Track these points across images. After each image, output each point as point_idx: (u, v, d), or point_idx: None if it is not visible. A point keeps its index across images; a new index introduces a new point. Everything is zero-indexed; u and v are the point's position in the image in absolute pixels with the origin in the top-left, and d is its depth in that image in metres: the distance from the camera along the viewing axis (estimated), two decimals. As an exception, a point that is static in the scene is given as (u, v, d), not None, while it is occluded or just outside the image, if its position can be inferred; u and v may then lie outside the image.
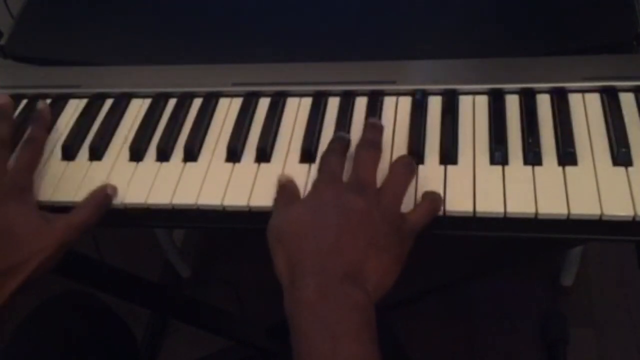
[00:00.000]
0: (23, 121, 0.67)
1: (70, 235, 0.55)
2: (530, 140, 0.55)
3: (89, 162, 0.62)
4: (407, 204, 0.52)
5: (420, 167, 0.55)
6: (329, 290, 0.45)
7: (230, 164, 0.59)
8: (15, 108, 0.69)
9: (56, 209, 0.58)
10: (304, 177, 0.57)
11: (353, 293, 0.45)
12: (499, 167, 0.54)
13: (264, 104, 0.64)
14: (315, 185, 0.53)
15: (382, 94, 0.62)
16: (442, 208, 0.52)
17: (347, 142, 0.57)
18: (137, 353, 0.91)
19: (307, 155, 0.58)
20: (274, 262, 0.49)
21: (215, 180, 0.58)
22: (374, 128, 0.57)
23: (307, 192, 0.54)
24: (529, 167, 0.54)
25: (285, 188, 0.55)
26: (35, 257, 0.54)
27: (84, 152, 0.63)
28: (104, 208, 0.57)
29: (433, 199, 0.52)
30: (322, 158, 0.55)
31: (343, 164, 0.54)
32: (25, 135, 0.62)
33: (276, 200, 0.54)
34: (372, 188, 0.51)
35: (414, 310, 1.24)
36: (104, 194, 0.58)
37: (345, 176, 0.53)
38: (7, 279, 0.53)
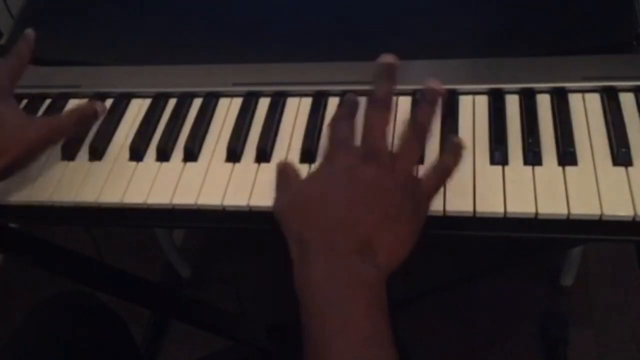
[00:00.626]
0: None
1: (49, 134, 0.58)
2: (530, 140, 0.55)
3: (89, 162, 0.62)
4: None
5: (421, 167, 0.55)
6: (338, 267, 0.44)
7: (230, 164, 0.59)
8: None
9: (56, 210, 0.58)
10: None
11: (362, 269, 0.44)
12: (499, 167, 0.54)
13: (264, 104, 0.64)
14: (325, 153, 0.51)
15: (382, 94, 0.62)
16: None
17: (356, 105, 0.54)
18: (136, 353, 0.90)
19: (307, 155, 0.58)
20: (286, 237, 0.48)
21: (215, 180, 0.58)
22: (384, 82, 0.52)
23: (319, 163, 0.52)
24: (529, 167, 0.54)
25: (286, 168, 0.54)
26: (15, 147, 0.55)
27: (84, 152, 0.63)
28: (87, 121, 0.61)
29: (447, 163, 0.51)
30: (330, 125, 0.52)
31: (353, 128, 0.51)
32: (12, 50, 0.63)
33: (276, 180, 0.53)
34: (384, 153, 0.49)
35: (414, 310, 1.24)
36: (91, 108, 0.61)
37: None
38: None
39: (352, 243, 0.45)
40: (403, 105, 0.61)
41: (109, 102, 0.67)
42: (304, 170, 0.57)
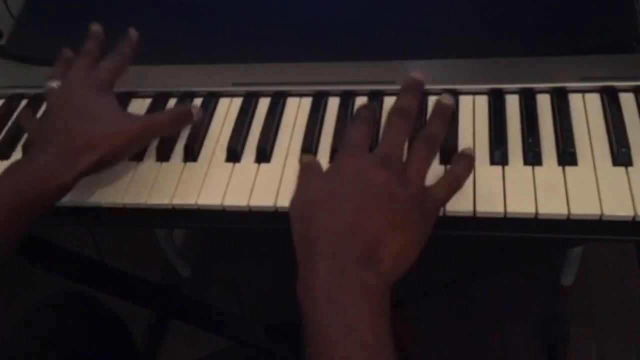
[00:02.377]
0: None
1: (144, 131, 0.58)
2: (530, 140, 0.55)
3: (89, 162, 0.62)
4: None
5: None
6: (341, 274, 0.44)
7: (230, 164, 0.59)
8: (15, 108, 0.69)
9: (56, 210, 0.58)
10: (304, 177, 0.57)
11: (366, 277, 0.44)
12: (499, 167, 0.54)
13: (264, 104, 0.64)
14: (338, 156, 0.51)
15: (382, 94, 0.62)
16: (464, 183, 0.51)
17: (375, 113, 0.54)
18: (136, 353, 0.90)
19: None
20: (293, 238, 0.48)
21: (215, 180, 0.58)
22: (411, 93, 0.52)
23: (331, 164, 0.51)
24: (529, 167, 0.54)
25: (310, 164, 0.52)
26: (110, 140, 0.55)
27: (84, 152, 0.63)
28: (183, 123, 0.60)
29: (458, 173, 0.51)
30: (347, 127, 0.52)
31: (369, 134, 0.51)
32: (115, 49, 0.63)
33: (300, 176, 0.52)
34: (397, 160, 0.49)
35: (414, 310, 1.24)
36: (187, 110, 0.60)
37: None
38: (81, 156, 0.54)
39: (357, 249, 0.45)
40: (403, 105, 0.61)
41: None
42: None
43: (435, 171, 0.55)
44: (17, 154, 0.64)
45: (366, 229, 0.45)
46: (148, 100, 0.67)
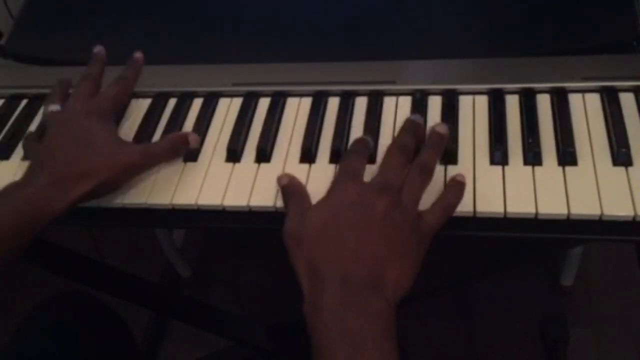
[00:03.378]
0: (25, 117, 0.67)
1: (141, 160, 0.58)
2: (530, 140, 0.55)
3: (89, 162, 0.62)
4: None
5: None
6: (350, 298, 0.45)
7: (230, 164, 0.59)
8: (15, 108, 0.69)
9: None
10: (304, 177, 0.57)
11: (374, 301, 0.45)
12: (499, 167, 0.54)
13: (264, 104, 0.64)
14: (335, 183, 0.52)
15: (382, 94, 0.62)
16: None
17: (371, 145, 0.56)
18: (136, 353, 0.90)
19: (307, 155, 0.58)
20: (294, 267, 0.49)
21: (215, 180, 0.58)
22: (412, 131, 0.56)
23: (328, 190, 0.52)
24: (529, 167, 0.54)
25: (294, 189, 0.54)
26: (106, 169, 0.55)
27: (84, 152, 0.63)
28: (179, 150, 0.60)
29: (450, 200, 0.52)
30: (343, 157, 0.55)
31: (364, 164, 0.53)
32: (119, 74, 0.64)
33: (288, 202, 0.53)
34: (394, 189, 0.50)
35: (414, 310, 1.24)
36: (184, 137, 0.60)
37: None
38: (77, 183, 0.54)
39: (364, 276, 0.46)
40: (403, 105, 0.61)
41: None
42: (304, 170, 0.57)
43: (436, 171, 0.55)
44: (17, 154, 0.64)
45: (372, 256, 0.47)
46: (148, 100, 0.67)
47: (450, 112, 0.59)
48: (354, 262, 0.46)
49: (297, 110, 0.63)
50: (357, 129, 0.59)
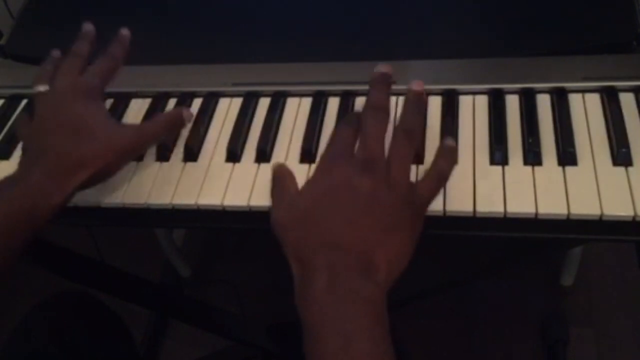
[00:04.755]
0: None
1: (137, 142, 0.56)
2: (530, 140, 0.55)
3: (89, 162, 0.62)
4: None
5: (421, 167, 0.55)
6: (339, 285, 0.44)
7: (230, 164, 0.59)
8: (15, 108, 0.69)
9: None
10: (304, 177, 0.57)
11: (364, 287, 0.44)
12: (499, 167, 0.54)
13: (264, 104, 0.64)
14: (320, 164, 0.51)
15: (382, 94, 0.62)
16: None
17: (358, 120, 0.53)
18: (136, 353, 0.90)
19: (307, 155, 0.58)
20: (285, 254, 0.48)
21: (215, 180, 0.58)
22: (380, 86, 0.53)
23: (314, 171, 0.51)
24: (529, 167, 0.54)
25: (281, 177, 0.53)
26: (102, 156, 0.53)
27: (84, 152, 0.63)
28: (175, 127, 0.59)
29: (442, 167, 0.51)
30: (336, 128, 0.52)
31: (354, 137, 0.51)
32: (106, 51, 0.61)
33: (273, 190, 0.53)
34: (380, 161, 0.48)
35: (414, 310, 1.24)
36: (178, 114, 0.59)
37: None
38: (73, 174, 0.52)
39: (353, 260, 0.45)
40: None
41: (109, 102, 0.67)
42: (304, 170, 0.57)
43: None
44: (17, 154, 0.64)
45: (359, 239, 0.45)
46: (148, 100, 0.67)
47: (450, 112, 0.59)
48: (341, 248, 0.45)
49: (297, 110, 0.63)
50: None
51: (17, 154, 0.64)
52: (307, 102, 0.63)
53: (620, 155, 0.53)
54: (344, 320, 0.43)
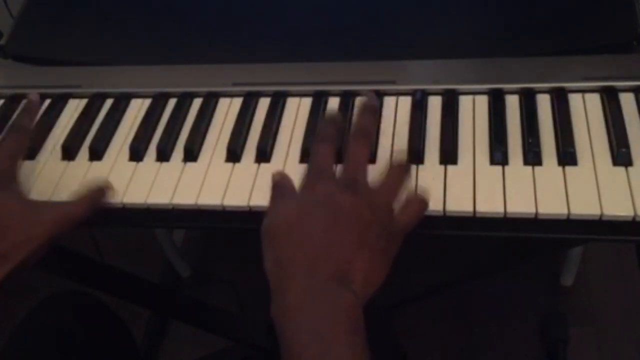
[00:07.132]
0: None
1: (59, 227, 0.55)
2: (530, 140, 0.55)
3: (89, 162, 0.62)
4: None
5: (420, 167, 0.55)
6: (315, 293, 0.44)
7: (230, 164, 0.59)
8: (15, 108, 0.69)
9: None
10: (304, 177, 0.57)
11: (341, 295, 0.44)
12: (499, 167, 0.54)
13: (264, 104, 0.64)
14: (305, 180, 0.51)
15: (382, 94, 0.62)
16: (433, 207, 0.51)
17: (338, 124, 0.55)
18: (136, 353, 0.90)
19: (307, 155, 0.58)
20: (264, 263, 0.49)
21: (215, 180, 0.58)
22: (366, 112, 0.55)
23: (299, 188, 0.52)
24: (529, 167, 0.54)
25: (278, 185, 0.53)
26: (23, 246, 0.53)
27: (84, 152, 0.63)
28: (98, 205, 0.57)
29: (421, 200, 0.51)
30: (312, 147, 0.53)
31: (333, 153, 0.52)
32: (11, 122, 0.60)
33: (270, 199, 0.53)
34: (362, 183, 0.50)
35: (414, 310, 1.24)
36: (101, 192, 0.57)
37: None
38: None
39: (329, 269, 0.45)
40: (403, 105, 0.61)
41: (109, 102, 0.67)
42: (304, 170, 0.57)
43: (435, 171, 0.55)
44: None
45: (337, 250, 0.46)
46: (148, 100, 0.67)
47: (450, 112, 0.59)
48: (318, 256, 0.46)
49: (297, 110, 0.63)
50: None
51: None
52: (307, 102, 0.63)
53: (620, 155, 0.53)
54: (320, 328, 0.43)
